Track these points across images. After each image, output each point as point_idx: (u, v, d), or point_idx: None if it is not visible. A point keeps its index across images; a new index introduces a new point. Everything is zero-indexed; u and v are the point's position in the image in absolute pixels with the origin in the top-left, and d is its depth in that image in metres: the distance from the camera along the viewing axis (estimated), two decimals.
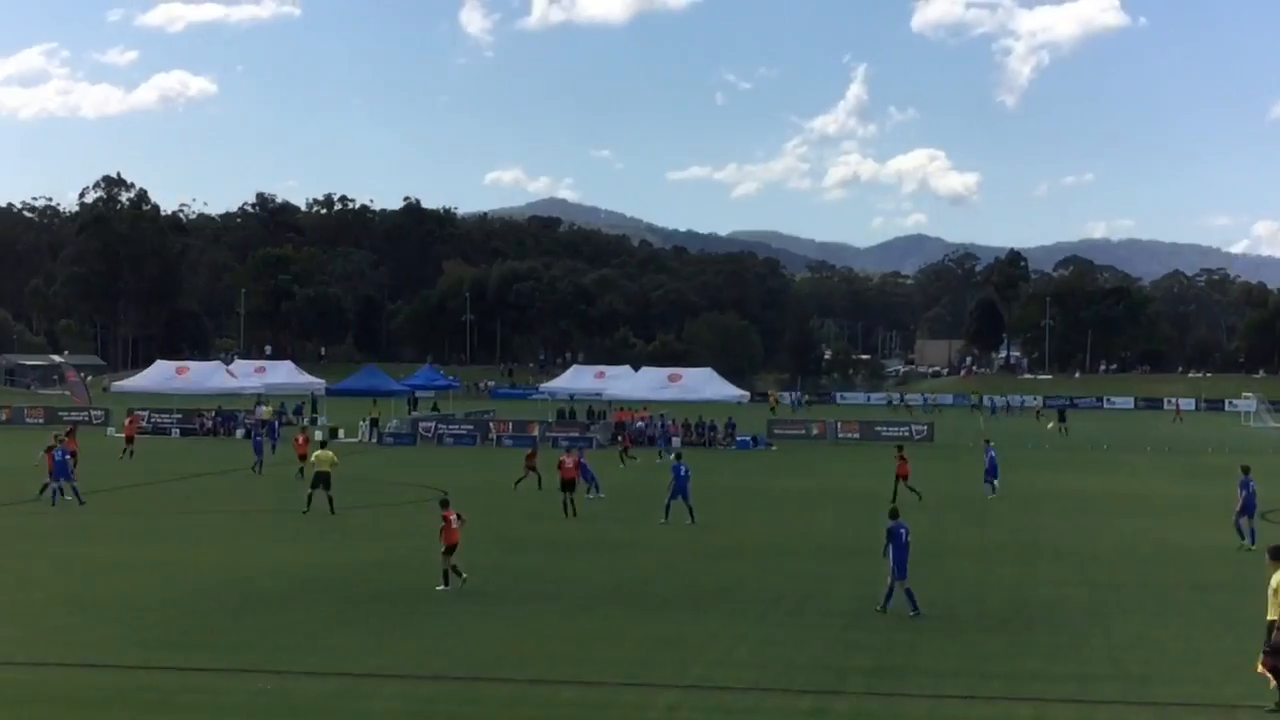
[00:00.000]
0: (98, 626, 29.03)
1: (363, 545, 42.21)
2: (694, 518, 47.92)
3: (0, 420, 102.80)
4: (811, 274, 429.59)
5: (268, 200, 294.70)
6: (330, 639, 27.88)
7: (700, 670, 25.42)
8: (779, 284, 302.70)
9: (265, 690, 23.69)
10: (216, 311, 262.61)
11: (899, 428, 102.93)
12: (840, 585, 35.36)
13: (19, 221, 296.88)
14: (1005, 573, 38.02)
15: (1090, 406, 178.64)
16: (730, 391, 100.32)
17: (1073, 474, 73.37)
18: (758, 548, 42.40)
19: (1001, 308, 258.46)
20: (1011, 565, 39.38)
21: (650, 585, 35.32)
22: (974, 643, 28.31)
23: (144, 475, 60.63)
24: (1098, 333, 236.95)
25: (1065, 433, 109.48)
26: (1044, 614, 31.69)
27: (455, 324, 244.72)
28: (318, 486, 50.36)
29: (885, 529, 31.63)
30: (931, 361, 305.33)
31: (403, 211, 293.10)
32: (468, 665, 25.56)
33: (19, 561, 38.13)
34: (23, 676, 24.62)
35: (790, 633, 29.15)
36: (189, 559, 38.31)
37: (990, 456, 60.24)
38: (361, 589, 34.13)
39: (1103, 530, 48.37)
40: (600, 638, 28.30)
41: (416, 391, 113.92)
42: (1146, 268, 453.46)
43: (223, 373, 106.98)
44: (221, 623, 29.57)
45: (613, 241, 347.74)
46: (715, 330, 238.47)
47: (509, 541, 42.96)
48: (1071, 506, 56.61)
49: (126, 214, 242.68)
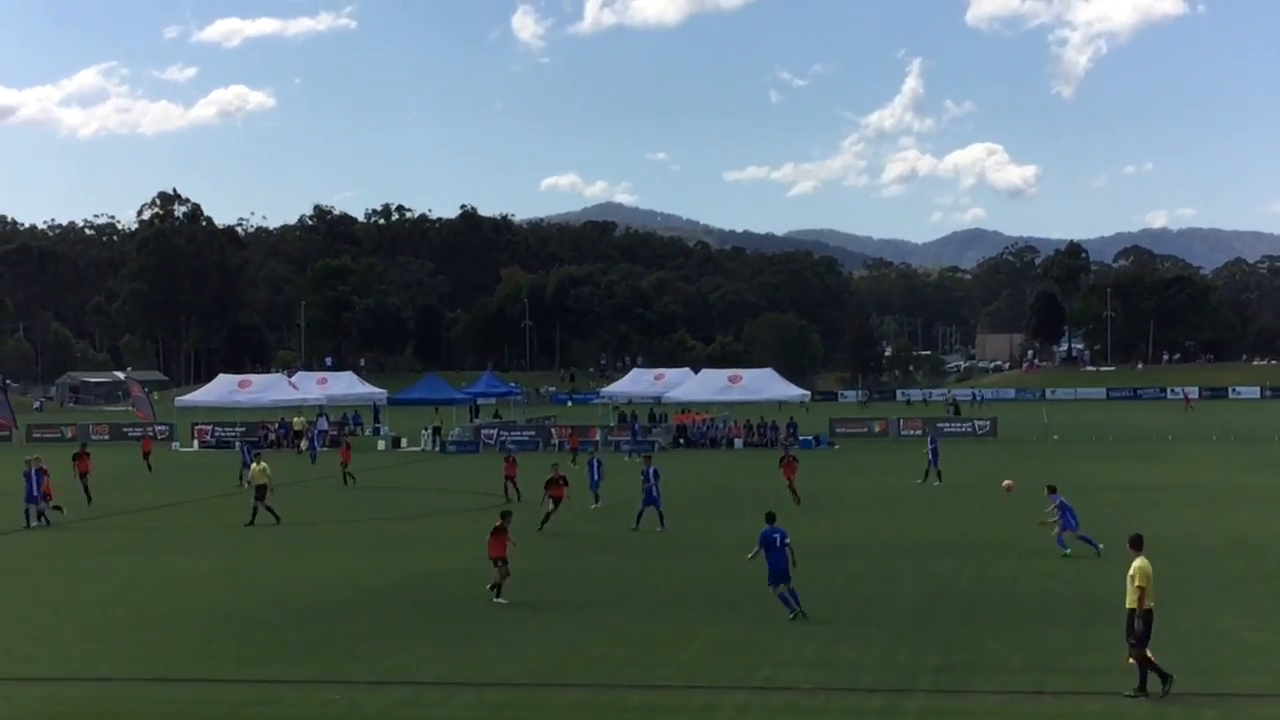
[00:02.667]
0: (165, 641, 29.21)
1: (428, 554, 42.31)
2: (663, 524, 47.56)
3: (66, 438, 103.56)
4: (870, 271, 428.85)
5: (325, 212, 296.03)
6: (397, 648, 27.97)
7: (768, 671, 25.41)
8: (837, 282, 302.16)
9: (334, 700, 23.82)
10: (277, 324, 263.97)
11: (961, 424, 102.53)
12: (905, 583, 35.27)
13: (80, 239, 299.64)
14: (1070, 566, 37.81)
15: (1154, 397, 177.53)
16: (792, 391, 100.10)
17: (1136, 465, 72.94)
18: (822, 547, 42.25)
19: (1062, 300, 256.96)
20: (1076, 559, 39.15)
21: (715, 587, 35.29)
22: (1041, 638, 28.19)
23: (208, 489, 61.01)
24: (1160, 323, 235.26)
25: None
26: (1111, 607, 31.39)
27: (514, 330, 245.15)
28: (259, 499, 50.82)
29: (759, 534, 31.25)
30: (993, 356, 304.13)
31: (460, 220, 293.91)
32: (535, 671, 25.61)
33: (85, 578, 38.42)
34: (91, 692, 24.81)
35: (857, 631, 29.09)
36: (254, 571, 38.51)
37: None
38: (427, 598, 34.26)
39: (1168, 521, 48.01)
40: (666, 641, 28.29)
41: (478, 399, 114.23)
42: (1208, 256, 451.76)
43: (285, 385, 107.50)
44: (288, 634, 29.73)
45: (669, 244, 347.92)
46: (774, 330, 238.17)
47: (571, 546, 43.00)
48: (1135, 498, 56.27)
49: (184, 229, 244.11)
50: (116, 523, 50.96)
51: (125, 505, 56.30)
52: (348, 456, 67.51)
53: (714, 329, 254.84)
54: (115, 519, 52.01)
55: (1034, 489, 60.33)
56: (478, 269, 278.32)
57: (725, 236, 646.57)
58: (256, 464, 53.33)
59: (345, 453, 68.44)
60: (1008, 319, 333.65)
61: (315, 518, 53.46)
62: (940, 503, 53.83)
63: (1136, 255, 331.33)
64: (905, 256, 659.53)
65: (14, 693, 24.69)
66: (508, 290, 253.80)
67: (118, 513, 53.28)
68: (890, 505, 53.98)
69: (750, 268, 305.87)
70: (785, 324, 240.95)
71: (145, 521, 52.74)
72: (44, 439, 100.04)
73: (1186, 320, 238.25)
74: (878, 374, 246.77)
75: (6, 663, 27.19)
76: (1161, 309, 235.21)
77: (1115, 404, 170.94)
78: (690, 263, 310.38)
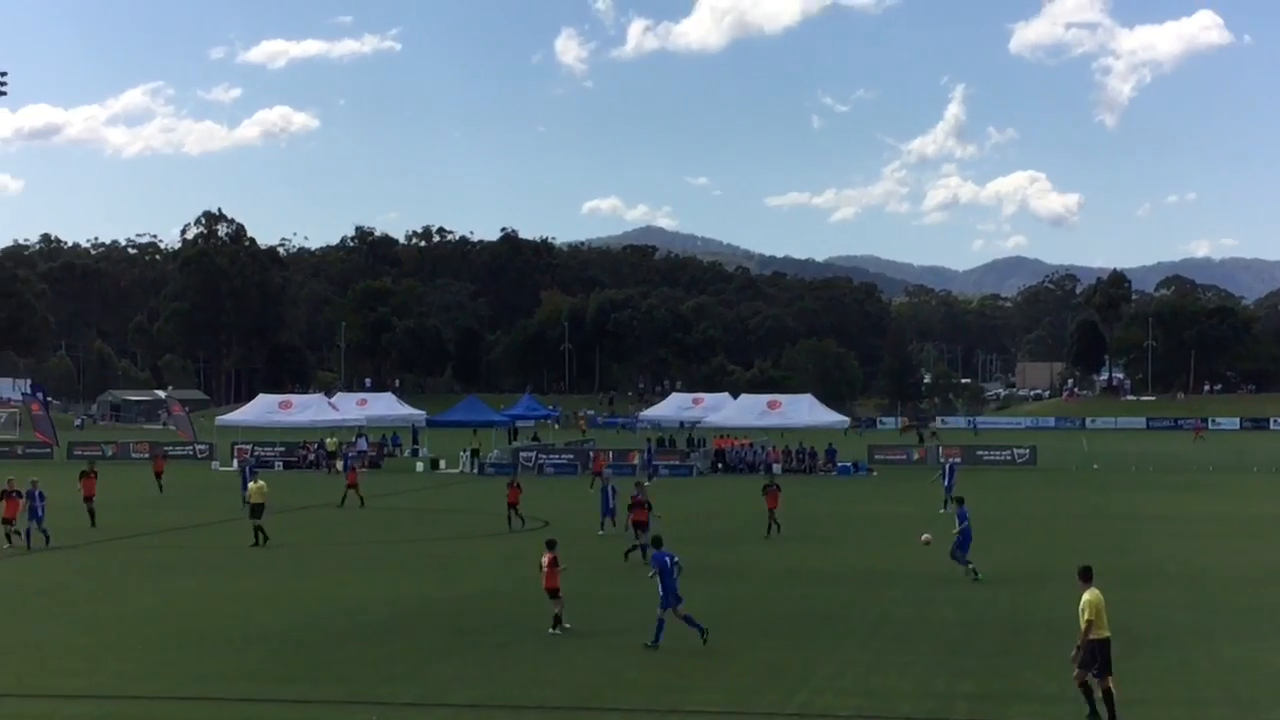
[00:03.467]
0: (205, 659, 29.27)
1: (466, 576, 42.37)
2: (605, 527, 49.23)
3: (107, 455, 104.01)
4: (910, 298, 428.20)
5: (367, 233, 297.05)
6: (435, 670, 27.99)
7: (805, 697, 25.33)
8: (877, 309, 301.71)
9: None
10: (317, 345, 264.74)
11: (1001, 452, 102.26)
12: (943, 610, 35.15)
13: (122, 258, 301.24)
14: (1109, 596, 37.45)
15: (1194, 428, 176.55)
16: (830, 417, 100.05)
17: (1176, 495, 72.60)
18: (860, 573, 42.22)
19: (1103, 329, 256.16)
20: (1115, 588, 38.79)
21: (752, 611, 35.24)
22: None
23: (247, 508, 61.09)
24: (1201, 353, 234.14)
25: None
26: (1150, 637, 31.34)
27: (554, 353, 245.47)
28: (254, 517, 51.25)
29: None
30: (1033, 384, 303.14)
31: (501, 242, 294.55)
32: (572, 695, 25.56)
33: (126, 595, 38.56)
34: (128, 710, 24.90)
35: (895, 658, 28.99)
36: (293, 591, 38.57)
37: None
38: (465, 620, 34.27)
39: (1208, 552, 47.82)
40: (703, 665, 28.23)
41: (516, 421, 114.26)
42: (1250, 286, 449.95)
43: (325, 405, 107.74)
44: (327, 654, 29.75)
45: (709, 268, 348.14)
46: (813, 356, 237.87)
47: (607, 570, 42.99)
48: (1175, 528, 56.06)
49: (227, 249, 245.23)
50: (153, 541, 51.12)
51: (163, 524, 56.49)
52: (354, 479, 67.30)
53: (753, 354, 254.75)
54: (152, 537, 52.16)
55: (1074, 518, 60.22)
56: (518, 291, 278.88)
57: (765, 262, 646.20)
58: (254, 483, 53.54)
59: (352, 475, 68.34)
60: (1048, 347, 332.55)
61: (353, 539, 53.54)
62: (978, 531, 53.58)
63: (1178, 285, 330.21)
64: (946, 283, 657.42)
65: (52, 710, 24.77)
66: (547, 313, 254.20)
67: (155, 531, 53.45)
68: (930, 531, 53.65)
69: (790, 293, 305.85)
70: (824, 350, 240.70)
71: (182, 540, 52.92)
72: (84, 456, 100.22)
73: (1228, 350, 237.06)
74: (917, 401, 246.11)
75: (46, 680, 27.28)
76: (1203, 339, 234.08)
77: (1156, 434, 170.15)
78: (730, 288, 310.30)
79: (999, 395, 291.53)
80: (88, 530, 54.57)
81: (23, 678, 27.42)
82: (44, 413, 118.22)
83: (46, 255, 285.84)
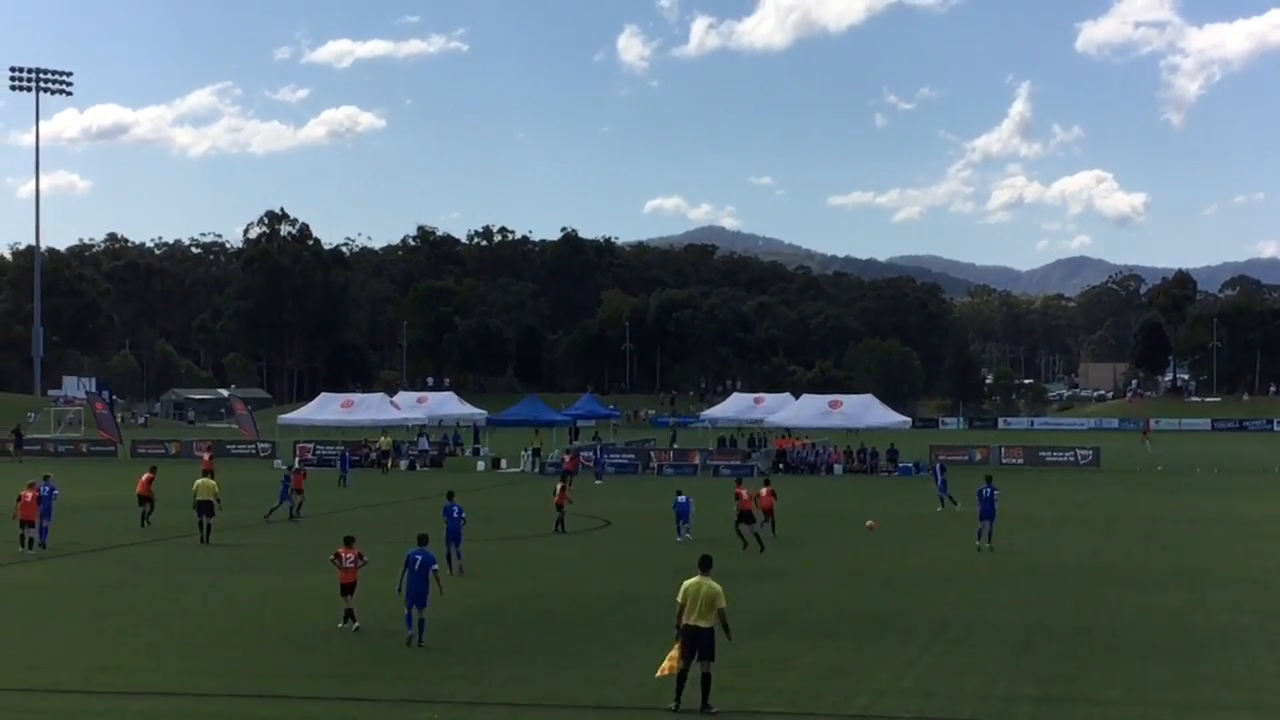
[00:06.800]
0: (266, 658, 29.44)
1: (526, 575, 42.38)
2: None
3: (170, 454, 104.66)
4: (972, 298, 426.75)
5: (429, 233, 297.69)
6: (495, 669, 28.04)
7: (865, 699, 25.28)
8: (939, 309, 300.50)
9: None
10: (379, 344, 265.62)
11: (1063, 453, 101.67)
12: (1005, 612, 34.97)
13: (186, 257, 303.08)
14: (1172, 599, 37.38)
15: (1261, 429, 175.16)
16: (892, 418, 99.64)
17: (1241, 497, 71.99)
18: (921, 575, 42.06)
19: (1167, 330, 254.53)
20: (1179, 591, 38.72)
21: (812, 613, 35.18)
22: (1141, 671, 27.85)
23: (308, 507, 61.31)
24: (1267, 354, 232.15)
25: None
26: (1215, 641, 31.10)
27: (615, 353, 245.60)
28: (202, 515, 51.67)
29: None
30: (1096, 384, 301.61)
31: (562, 242, 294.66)
32: (632, 695, 25.57)
33: (188, 594, 38.76)
34: (196, 707, 25.03)
35: (955, 661, 28.88)
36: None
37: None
38: (525, 619, 34.35)
39: (1274, 555, 47.43)
40: (764, 667, 28.19)
41: (578, 421, 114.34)
42: None
43: (386, 404, 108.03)
44: (387, 653, 29.84)
45: (770, 268, 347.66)
46: (875, 356, 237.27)
47: (665, 571, 42.94)
48: (1239, 531, 55.65)
49: (290, 248, 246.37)
50: (216, 539, 51.33)
51: (223, 522, 56.76)
52: (300, 482, 62.01)
53: (814, 354, 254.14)
54: (215, 535, 52.36)
55: (1138, 520, 59.86)
56: (579, 291, 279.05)
57: (827, 262, 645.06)
58: (202, 480, 53.67)
59: (299, 479, 62.40)
60: (1111, 348, 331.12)
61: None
62: (1041, 533, 53.36)
63: (1244, 285, 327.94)
64: (1009, 284, 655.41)
65: (115, 706, 24.95)
66: (609, 313, 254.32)
67: (217, 529, 53.66)
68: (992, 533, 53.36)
69: (852, 293, 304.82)
70: (887, 350, 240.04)
71: (242, 539, 53.14)
72: (148, 455, 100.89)
73: None
74: (979, 401, 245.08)
75: (110, 676, 27.49)
76: (1269, 339, 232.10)
77: (1220, 435, 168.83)
78: (791, 287, 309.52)
79: (1062, 396, 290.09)
80: (149, 529, 54.93)
81: (90, 674, 27.64)
82: (108, 411, 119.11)
83: (112, 254, 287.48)
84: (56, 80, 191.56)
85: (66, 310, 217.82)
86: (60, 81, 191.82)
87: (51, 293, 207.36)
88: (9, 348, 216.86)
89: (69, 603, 37.20)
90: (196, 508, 52.23)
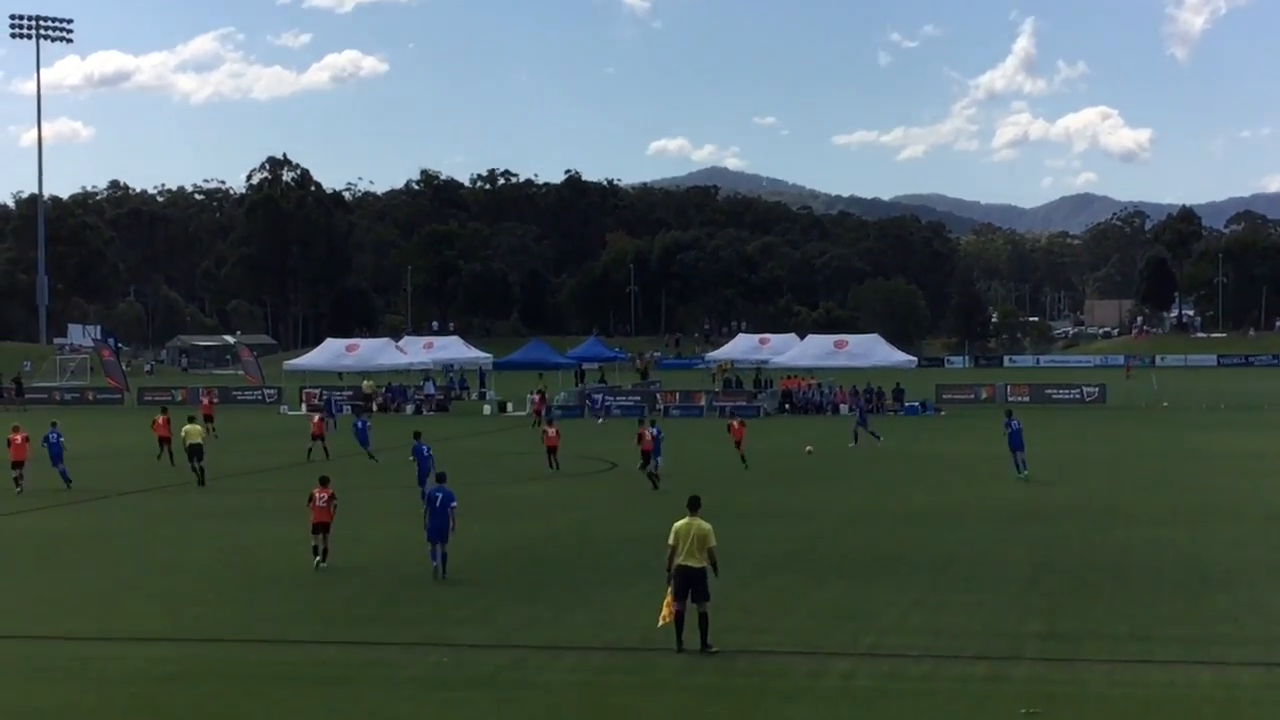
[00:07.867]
0: (279, 603, 29.53)
1: (533, 518, 42.49)
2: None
3: (176, 400, 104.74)
4: (977, 236, 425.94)
5: (432, 177, 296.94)
6: (504, 612, 28.12)
7: (873, 638, 25.35)
8: (944, 247, 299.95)
9: (441, 663, 24.00)
10: (384, 289, 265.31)
11: (1069, 390, 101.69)
12: (1012, 550, 35.03)
13: (190, 204, 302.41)
14: (1179, 534, 37.44)
15: (1267, 364, 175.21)
16: (898, 357, 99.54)
17: (1248, 433, 72.03)
18: (928, 513, 42.12)
19: (1173, 266, 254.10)
20: (1185, 526, 38.78)
21: (820, 552, 35.26)
22: (1150, 606, 27.90)
23: (318, 453, 61.39)
24: (1273, 289, 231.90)
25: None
26: (1223, 576, 31.15)
27: (620, 296, 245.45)
28: (192, 459, 52.74)
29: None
30: (1101, 322, 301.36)
31: (565, 185, 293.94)
32: (641, 636, 25.61)
33: (196, 540, 38.86)
34: (202, 651, 25.14)
35: (963, 599, 28.94)
36: (362, 535, 38.68)
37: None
38: (533, 562, 34.46)
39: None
40: (772, 606, 28.28)
41: (583, 364, 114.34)
42: None
43: (392, 349, 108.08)
44: (396, 596, 29.97)
45: (774, 208, 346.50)
46: (880, 296, 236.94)
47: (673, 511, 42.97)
48: (1246, 466, 55.67)
49: (292, 194, 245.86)
50: (224, 486, 51.47)
51: (234, 468, 56.84)
52: (319, 429, 63.68)
53: (819, 294, 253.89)
54: (223, 482, 52.52)
55: (1144, 456, 59.91)
56: (583, 234, 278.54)
57: (831, 201, 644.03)
58: (190, 424, 54.39)
59: (318, 425, 64.15)
60: (1117, 285, 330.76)
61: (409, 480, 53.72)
62: (1047, 470, 53.40)
63: (1250, 220, 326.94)
64: (1014, 221, 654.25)
65: (127, 652, 25.04)
66: (613, 255, 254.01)
67: (225, 475, 53.77)
68: (997, 471, 53.39)
69: (856, 233, 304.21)
70: (892, 289, 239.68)
71: (250, 484, 53.30)
72: (155, 401, 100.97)
73: None
74: (984, 340, 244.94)
75: (122, 622, 27.62)
76: (1275, 274, 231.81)
77: (1226, 371, 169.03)
78: (796, 228, 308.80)
79: (1067, 333, 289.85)
80: (157, 476, 55.12)
81: (102, 621, 27.77)
82: (114, 358, 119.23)
83: (115, 202, 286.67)
84: (57, 27, 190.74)
85: (70, 258, 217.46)
86: (61, 28, 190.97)
87: (55, 241, 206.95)
88: (14, 296, 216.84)
89: (79, 550, 37.36)
90: (188, 452, 53.19)
